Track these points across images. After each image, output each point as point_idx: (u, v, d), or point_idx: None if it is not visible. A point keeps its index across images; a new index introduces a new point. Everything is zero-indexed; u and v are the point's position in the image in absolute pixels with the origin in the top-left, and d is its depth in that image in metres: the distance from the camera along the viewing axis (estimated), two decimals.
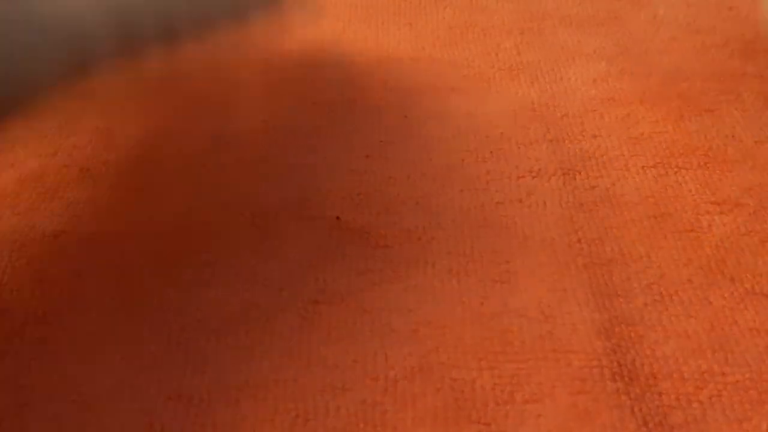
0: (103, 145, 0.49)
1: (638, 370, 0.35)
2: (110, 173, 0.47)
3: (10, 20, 0.35)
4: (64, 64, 0.37)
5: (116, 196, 0.45)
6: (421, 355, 0.36)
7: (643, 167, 0.48)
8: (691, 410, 0.34)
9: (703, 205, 0.45)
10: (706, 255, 0.41)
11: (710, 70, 0.57)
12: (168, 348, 0.36)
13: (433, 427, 0.33)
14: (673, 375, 0.35)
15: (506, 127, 0.50)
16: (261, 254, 0.41)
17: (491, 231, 0.43)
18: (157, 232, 0.42)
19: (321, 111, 0.52)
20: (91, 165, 0.47)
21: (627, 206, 0.45)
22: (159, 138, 0.50)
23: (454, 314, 0.38)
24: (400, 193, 0.45)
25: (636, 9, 0.65)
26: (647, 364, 0.36)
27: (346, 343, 0.36)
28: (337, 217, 0.43)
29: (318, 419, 0.33)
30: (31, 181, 0.44)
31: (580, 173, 0.47)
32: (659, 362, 0.36)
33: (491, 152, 0.48)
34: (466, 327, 0.37)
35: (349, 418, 0.33)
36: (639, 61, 0.58)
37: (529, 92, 0.53)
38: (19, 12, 0.36)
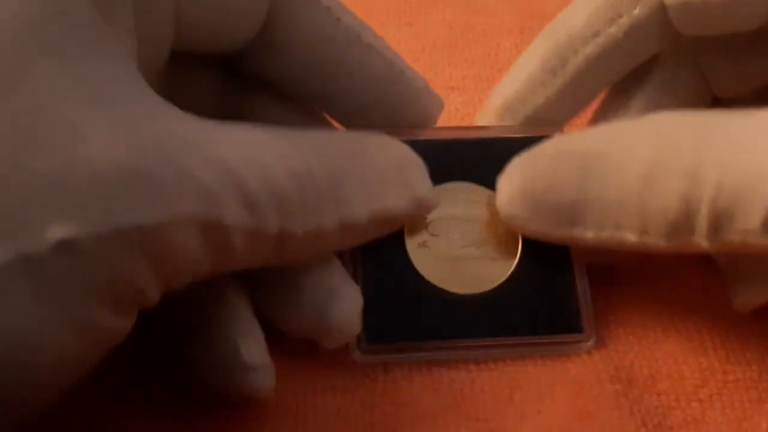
0: None
1: (637, 370, 0.35)
2: None
3: None
4: None
5: None
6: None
7: None
8: (691, 410, 0.34)
9: None
10: (707, 254, 0.41)
11: None
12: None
13: (432, 427, 0.33)
14: (672, 375, 0.35)
15: None
16: None
17: None
18: None
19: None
20: None
21: None
22: None
23: None
24: None
25: None
26: (646, 365, 0.36)
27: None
28: None
29: (318, 420, 0.33)
30: None
31: None
32: (659, 362, 0.36)
33: None
34: None
35: (349, 419, 0.33)
36: None
37: None
38: None
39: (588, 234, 0.31)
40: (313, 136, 0.29)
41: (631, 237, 0.30)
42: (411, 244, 0.33)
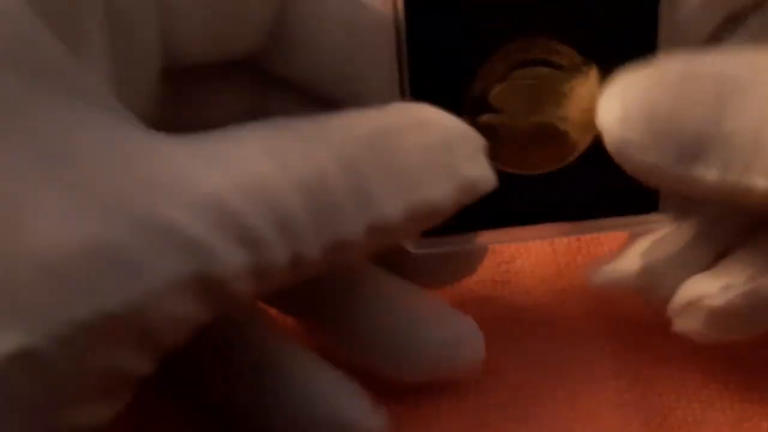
0: None
1: (639, 369, 0.35)
2: None
3: None
4: None
5: None
6: None
7: None
8: (692, 410, 0.34)
9: None
10: None
11: None
12: None
13: (433, 428, 0.33)
14: (673, 375, 0.35)
15: None
16: None
17: None
18: None
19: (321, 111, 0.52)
20: None
21: None
22: None
23: None
24: None
25: None
26: (648, 365, 0.35)
27: None
28: None
29: None
30: None
31: None
32: (660, 362, 0.36)
33: None
34: None
35: None
36: None
37: None
38: None
39: (710, 175, 0.26)
40: (334, 125, 0.24)
41: (762, 182, 0.25)
42: (467, 116, 0.28)
